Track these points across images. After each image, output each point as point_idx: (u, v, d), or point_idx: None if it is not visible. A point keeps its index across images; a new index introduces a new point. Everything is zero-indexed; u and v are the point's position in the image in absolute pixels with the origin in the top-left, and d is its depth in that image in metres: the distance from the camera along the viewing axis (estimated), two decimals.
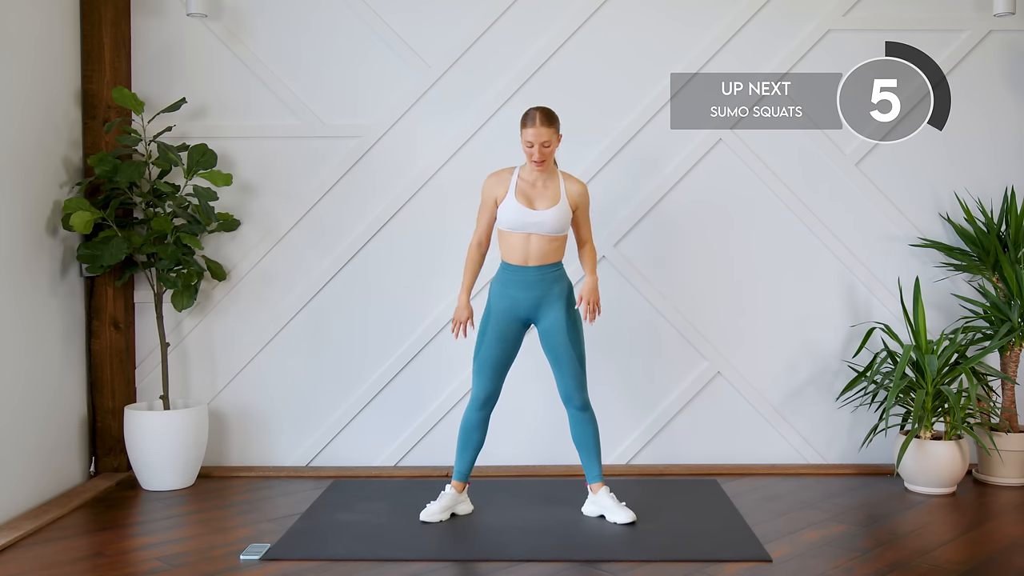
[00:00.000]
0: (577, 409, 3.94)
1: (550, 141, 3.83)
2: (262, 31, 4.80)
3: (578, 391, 3.93)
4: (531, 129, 3.81)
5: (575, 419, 3.96)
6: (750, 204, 4.82)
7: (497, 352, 3.92)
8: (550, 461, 4.81)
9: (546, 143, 3.82)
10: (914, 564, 3.43)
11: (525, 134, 3.83)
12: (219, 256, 4.81)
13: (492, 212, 3.96)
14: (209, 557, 3.55)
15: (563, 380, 3.94)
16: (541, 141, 3.81)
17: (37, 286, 4.24)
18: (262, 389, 4.85)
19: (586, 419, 3.95)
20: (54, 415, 4.36)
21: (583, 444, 3.96)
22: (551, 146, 3.85)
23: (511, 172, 3.95)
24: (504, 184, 3.92)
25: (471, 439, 3.96)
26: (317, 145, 4.81)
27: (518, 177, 3.92)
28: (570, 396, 3.94)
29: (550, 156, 3.87)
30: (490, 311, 3.96)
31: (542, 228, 3.86)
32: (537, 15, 4.78)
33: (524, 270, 3.90)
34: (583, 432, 3.96)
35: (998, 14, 4.66)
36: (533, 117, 3.83)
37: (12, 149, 4.06)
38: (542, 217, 3.85)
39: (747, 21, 4.78)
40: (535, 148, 3.82)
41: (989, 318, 4.58)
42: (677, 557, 3.50)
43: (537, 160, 3.83)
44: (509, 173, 3.95)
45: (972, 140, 4.81)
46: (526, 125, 3.84)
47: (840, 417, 4.82)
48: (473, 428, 3.96)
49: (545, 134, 3.81)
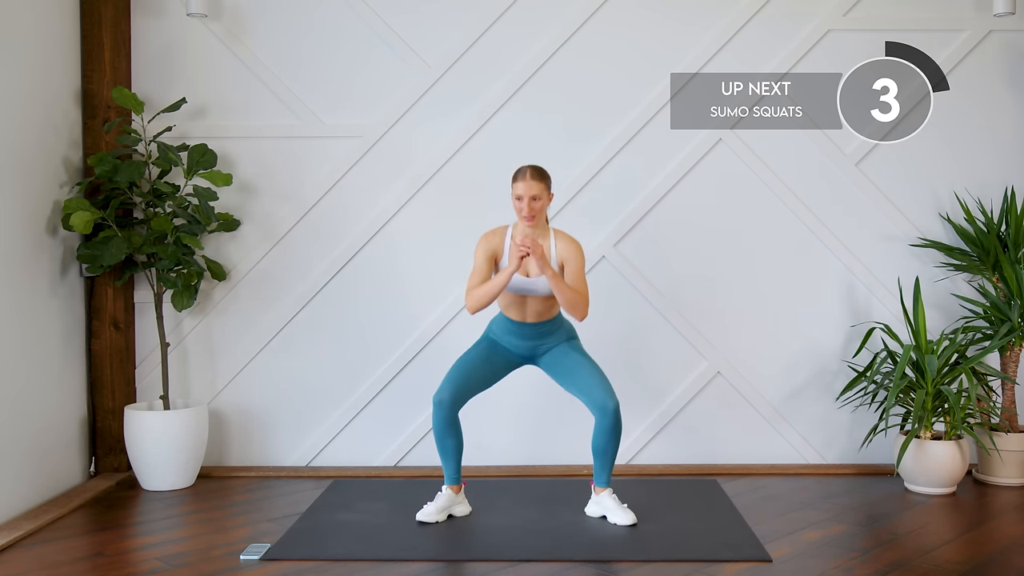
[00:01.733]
0: (611, 419, 3.79)
1: (540, 196, 3.79)
2: (262, 31, 4.80)
3: (610, 396, 3.81)
4: (521, 183, 3.78)
5: (604, 429, 3.83)
6: (750, 204, 4.82)
7: (478, 368, 3.91)
8: (550, 461, 4.81)
9: (536, 197, 3.77)
10: (914, 564, 3.43)
11: (515, 188, 3.80)
12: (219, 256, 4.81)
13: (491, 267, 3.88)
14: (209, 557, 3.55)
15: (589, 391, 3.85)
16: (531, 195, 3.76)
17: (37, 286, 4.24)
18: (262, 389, 4.85)
19: (615, 430, 3.83)
20: (54, 415, 4.36)
21: (602, 453, 3.89)
22: (541, 201, 3.80)
23: (504, 233, 3.91)
24: (499, 246, 3.88)
25: (447, 445, 3.90)
26: (317, 145, 4.81)
27: (511, 239, 3.87)
28: (604, 405, 3.80)
29: (540, 212, 3.82)
30: (487, 337, 4.01)
31: (536, 292, 3.85)
32: (537, 16, 4.78)
33: (522, 325, 3.94)
34: (607, 442, 3.86)
35: (998, 14, 4.66)
36: (524, 172, 3.80)
37: (12, 149, 4.06)
38: (535, 284, 3.83)
39: (747, 21, 4.78)
40: (524, 202, 3.77)
41: (989, 318, 4.58)
42: (677, 557, 3.50)
43: (527, 216, 3.78)
44: (502, 234, 3.90)
45: (972, 140, 4.81)
46: (516, 179, 3.81)
47: (840, 417, 4.82)
48: (445, 434, 3.88)
49: (535, 188, 3.77)
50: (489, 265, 3.88)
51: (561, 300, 3.77)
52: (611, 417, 3.81)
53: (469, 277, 3.88)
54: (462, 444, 3.94)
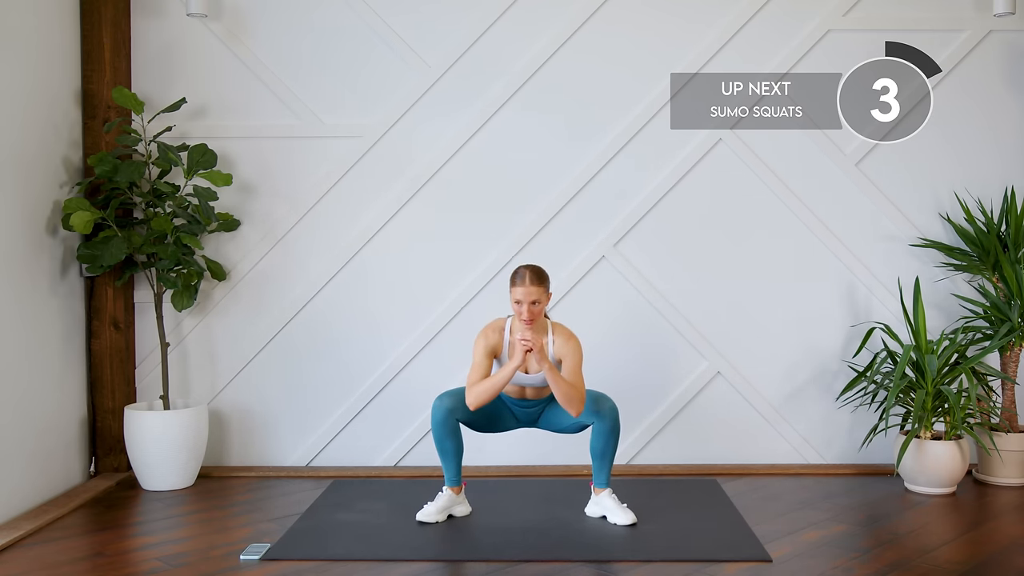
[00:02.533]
0: (609, 420, 3.82)
1: (539, 300, 3.77)
2: (262, 31, 4.80)
3: (603, 399, 3.86)
4: (520, 288, 3.76)
5: (602, 431, 3.85)
6: (750, 204, 4.82)
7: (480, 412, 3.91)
8: (550, 461, 4.81)
9: (535, 301, 3.76)
10: (914, 564, 3.43)
11: (514, 293, 3.78)
12: (219, 256, 4.81)
13: (491, 362, 3.88)
14: (209, 557, 3.55)
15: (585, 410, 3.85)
16: (530, 300, 3.75)
17: (37, 286, 4.24)
18: (262, 389, 4.85)
19: (612, 431, 3.85)
20: (54, 415, 4.36)
21: (601, 455, 3.90)
22: (540, 304, 3.79)
23: (502, 327, 3.90)
24: (499, 342, 3.87)
25: (447, 447, 3.90)
26: (317, 145, 4.81)
27: (509, 332, 3.88)
28: (599, 408, 3.84)
29: (539, 314, 3.81)
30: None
31: (535, 384, 3.89)
32: (537, 15, 4.78)
33: (521, 400, 3.99)
34: (605, 444, 3.88)
35: (998, 14, 4.66)
36: (523, 276, 3.78)
37: (12, 149, 4.06)
38: (534, 379, 3.86)
39: (747, 21, 4.78)
40: (524, 306, 3.76)
41: (989, 318, 4.58)
42: (677, 557, 3.50)
43: (526, 320, 3.77)
44: (500, 330, 3.89)
45: (972, 140, 4.81)
46: (515, 284, 3.78)
47: (840, 417, 4.82)
48: (444, 436, 3.88)
49: (535, 293, 3.76)
50: (489, 360, 3.88)
51: (558, 395, 3.75)
52: (609, 418, 3.82)
53: (469, 373, 3.86)
54: (462, 447, 3.94)
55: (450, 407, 3.85)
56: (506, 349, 3.88)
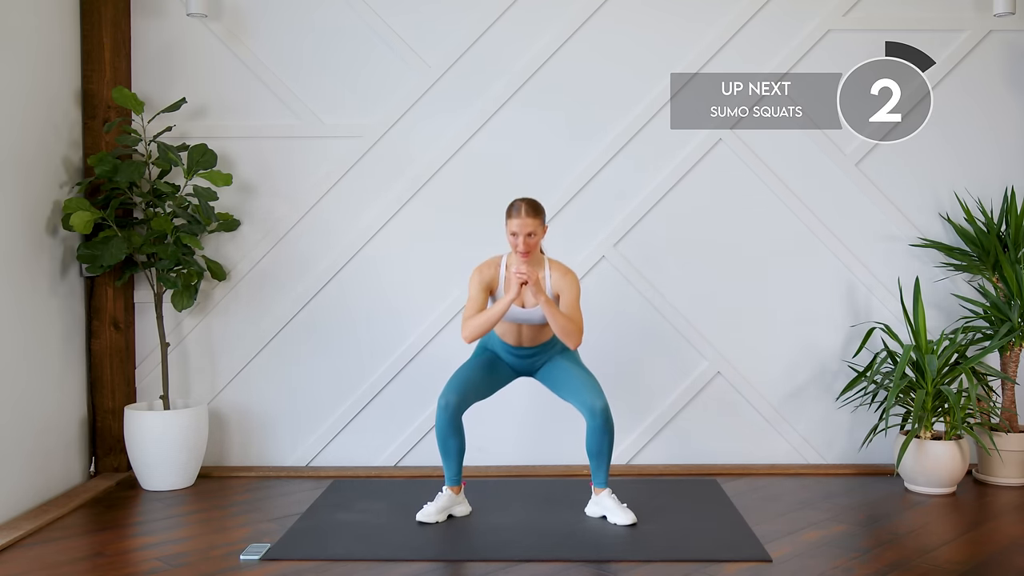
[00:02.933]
0: (601, 419, 3.80)
1: (535, 232, 3.77)
2: (262, 31, 4.80)
3: (598, 397, 3.83)
4: (516, 220, 3.76)
5: (595, 430, 3.83)
6: (750, 204, 4.82)
7: (478, 377, 3.93)
8: (550, 461, 4.81)
9: (531, 234, 3.76)
10: (914, 564, 3.43)
11: (510, 224, 3.78)
12: (219, 256, 4.81)
13: (486, 297, 3.88)
14: (209, 557, 3.55)
15: (579, 394, 3.86)
16: (526, 232, 3.75)
17: (37, 286, 4.24)
18: (262, 389, 4.85)
19: (605, 430, 3.83)
20: (54, 415, 4.36)
21: (597, 454, 3.89)
22: (536, 237, 3.78)
23: (498, 264, 3.90)
24: (494, 277, 3.88)
25: (449, 446, 3.90)
26: (317, 145, 4.81)
27: (505, 268, 3.87)
28: (592, 406, 3.81)
29: (535, 247, 3.81)
30: (487, 349, 4.03)
31: (532, 321, 3.87)
32: (537, 15, 4.78)
33: (518, 348, 3.97)
34: (600, 443, 3.86)
35: (998, 14, 4.66)
36: (519, 208, 3.78)
37: (12, 149, 4.06)
38: (530, 314, 3.84)
39: (747, 21, 4.78)
40: (520, 238, 3.76)
41: (989, 318, 4.58)
42: (677, 557, 3.50)
43: (522, 251, 3.77)
44: (496, 266, 3.90)
45: (972, 140, 4.81)
46: (511, 216, 3.78)
47: (840, 417, 4.82)
48: (447, 435, 3.88)
49: (530, 225, 3.75)
50: (484, 295, 3.88)
51: (555, 328, 3.76)
52: (600, 417, 3.81)
53: (465, 307, 3.87)
54: (464, 446, 3.94)
55: (456, 403, 3.84)
56: (502, 284, 3.87)
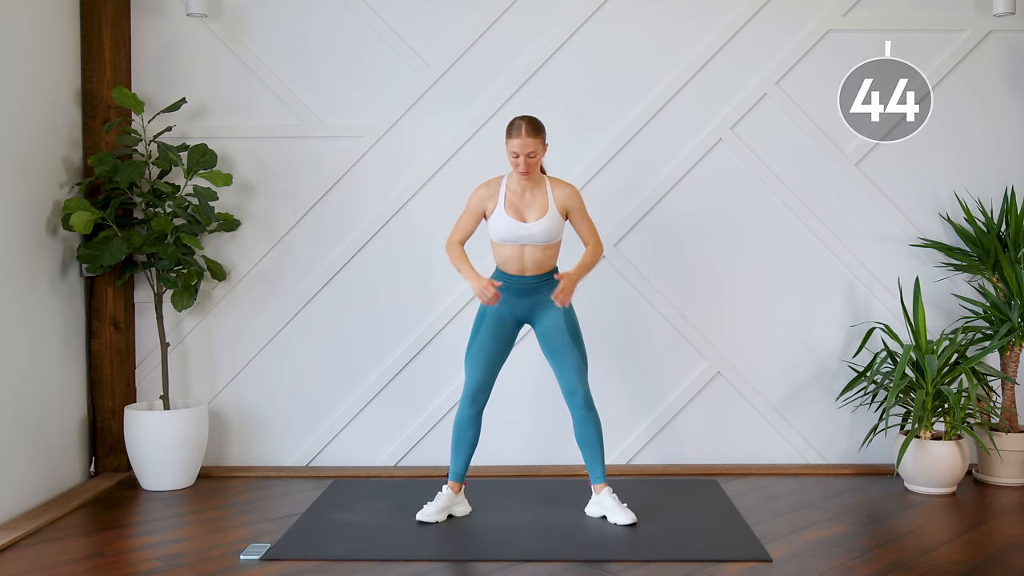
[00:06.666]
0: (581, 406, 3.89)
1: (536, 151, 3.78)
2: (262, 31, 4.80)
3: (580, 383, 3.89)
4: (516, 140, 3.76)
5: (579, 418, 3.92)
6: (750, 204, 4.82)
7: (490, 347, 3.94)
8: (550, 461, 4.81)
9: (532, 154, 3.77)
10: (914, 564, 3.43)
11: (510, 144, 3.78)
12: (219, 256, 4.81)
13: (476, 221, 3.94)
14: (209, 557, 3.55)
15: (564, 374, 3.91)
16: (527, 152, 3.76)
17: (37, 286, 4.24)
18: (262, 389, 4.85)
19: (590, 418, 3.91)
20: (54, 415, 4.36)
21: (586, 444, 3.94)
22: (537, 156, 3.80)
23: (499, 183, 3.92)
24: (494, 196, 3.89)
25: (464, 437, 3.95)
26: (317, 145, 4.81)
27: (506, 188, 3.89)
28: (573, 389, 3.89)
29: (536, 166, 3.82)
30: (485, 310, 3.97)
31: (534, 239, 3.86)
32: (537, 15, 4.78)
33: (520, 279, 3.92)
34: (587, 432, 3.92)
35: (998, 14, 4.66)
36: (519, 127, 3.78)
37: (12, 149, 4.06)
38: (533, 229, 3.84)
39: (747, 21, 4.78)
40: (520, 159, 3.77)
41: (989, 318, 4.58)
42: (677, 557, 3.50)
43: (523, 171, 3.79)
44: (497, 184, 3.91)
45: (972, 140, 4.81)
46: (511, 135, 3.79)
47: (840, 417, 4.82)
48: (466, 426, 3.94)
49: (531, 144, 3.76)
50: (476, 218, 3.93)
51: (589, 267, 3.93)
52: (580, 400, 3.87)
53: (456, 222, 3.96)
54: (477, 441, 3.98)
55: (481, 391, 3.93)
56: (500, 202, 3.87)
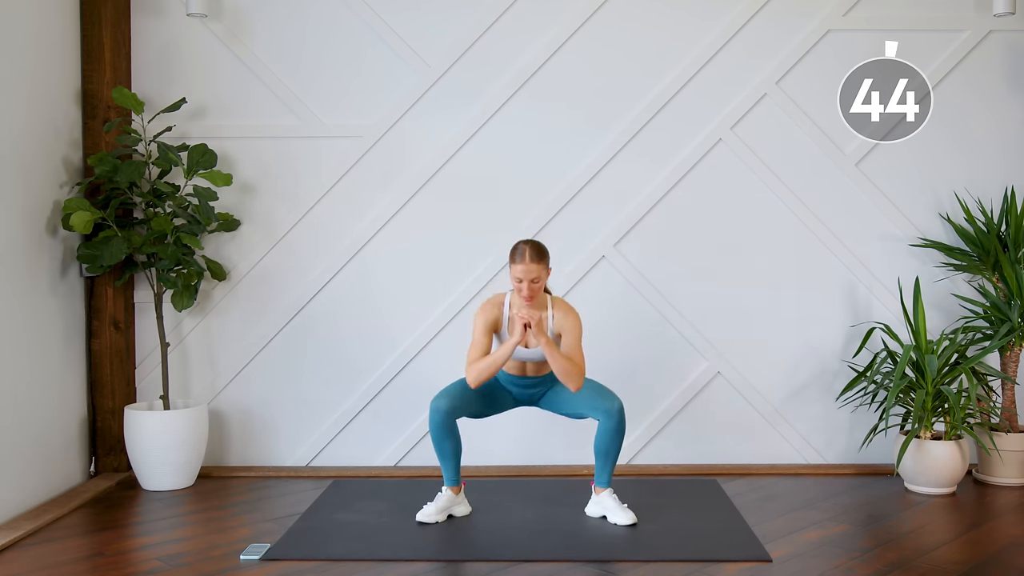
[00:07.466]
0: (616, 419, 3.80)
1: (539, 277, 3.75)
2: (262, 31, 4.80)
3: (612, 397, 3.85)
4: (520, 266, 3.73)
5: (608, 429, 3.83)
6: (750, 204, 4.81)
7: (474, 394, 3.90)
8: (550, 461, 4.81)
9: (535, 279, 3.74)
10: (914, 564, 3.43)
11: (514, 270, 3.75)
12: (219, 256, 4.81)
13: (490, 338, 3.86)
14: (209, 557, 3.55)
15: (592, 400, 3.86)
16: (531, 278, 3.73)
17: (37, 286, 4.24)
18: (262, 389, 4.85)
19: (618, 430, 3.84)
20: (54, 415, 4.36)
21: (604, 453, 3.90)
22: (540, 282, 3.77)
23: (501, 302, 3.89)
24: (498, 317, 3.86)
25: (445, 448, 3.89)
26: (317, 145, 4.81)
27: (509, 307, 3.87)
28: (609, 406, 3.82)
29: (539, 291, 3.80)
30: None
31: (534, 359, 3.88)
32: (537, 15, 4.78)
33: (522, 379, 3.97)
34: (610, 443, 3.86)
35: (998, 14, 4.66)
36: (522, 253, 3.75)
37: (13, 149, 4.06)
38: (532, 353, 3.85)
39: (747, 21, 4.78)
40: (524, 284, 3.74)
41: (989, 318, 4.58)
42: (677, 557, 3.50)
43: (527, 296, 3.76)
44: (499, 305, 3.88)
45: (972, 140, 4.81)
46: (515, 261, 3.76)
47: (840, 417, 4.82)
48: (443, 437, 3.87)
49: (535, 270, 3.73)
50: (488, 337, 3.86)
51: (556, 369, 3.75)
52: (616, 417, 3.82)
53: (469, 350, 3.85)
54: (460, 446, 3.93)
55: (448, 408, 3.84)
56: (506, 324, 3.86)
